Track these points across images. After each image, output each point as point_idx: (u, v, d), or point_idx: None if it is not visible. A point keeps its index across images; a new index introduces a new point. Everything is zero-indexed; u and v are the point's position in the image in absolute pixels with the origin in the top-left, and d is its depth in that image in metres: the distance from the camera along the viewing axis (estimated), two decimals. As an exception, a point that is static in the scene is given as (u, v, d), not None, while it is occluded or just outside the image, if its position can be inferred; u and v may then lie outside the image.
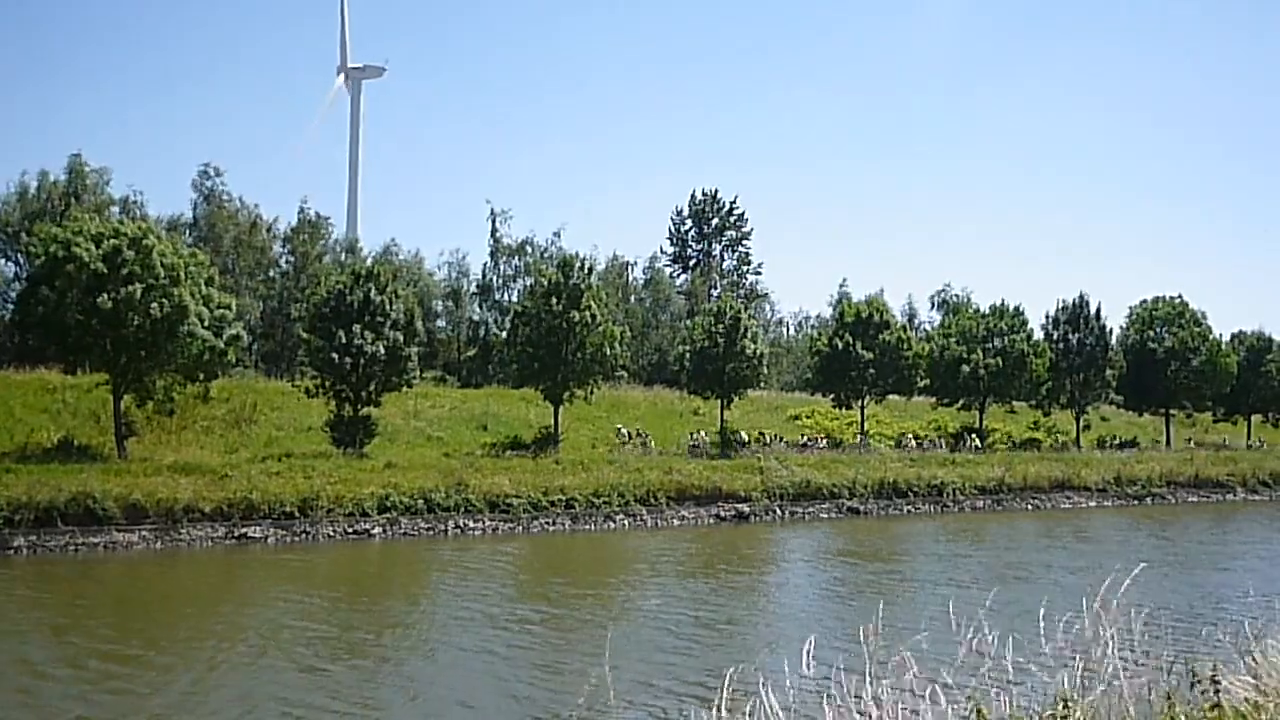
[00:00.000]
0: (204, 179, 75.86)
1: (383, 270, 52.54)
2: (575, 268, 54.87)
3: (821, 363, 64.68)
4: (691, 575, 33.71)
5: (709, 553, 38.91)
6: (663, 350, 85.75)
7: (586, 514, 44.52)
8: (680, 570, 34.97)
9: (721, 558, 37.87)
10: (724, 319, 59.62)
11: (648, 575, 34.15)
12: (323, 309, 49.56)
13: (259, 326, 73.42)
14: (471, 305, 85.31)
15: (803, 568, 37.02)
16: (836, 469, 52.85)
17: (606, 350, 53.83)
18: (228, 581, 33.09)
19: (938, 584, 32.07)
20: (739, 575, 34.45)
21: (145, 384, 44.33)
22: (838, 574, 34.90)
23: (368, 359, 47.82)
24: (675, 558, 37.66)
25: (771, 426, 65.24)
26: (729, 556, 38.39)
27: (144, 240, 43.25)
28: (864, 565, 36.24)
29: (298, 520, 39.47)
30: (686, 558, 37.70)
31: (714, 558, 37.71)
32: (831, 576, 34.52)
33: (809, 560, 38.68)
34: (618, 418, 61.71)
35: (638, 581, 32.94)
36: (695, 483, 48.01)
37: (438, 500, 42.16)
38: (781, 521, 47.99)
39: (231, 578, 33.65)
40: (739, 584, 32.75)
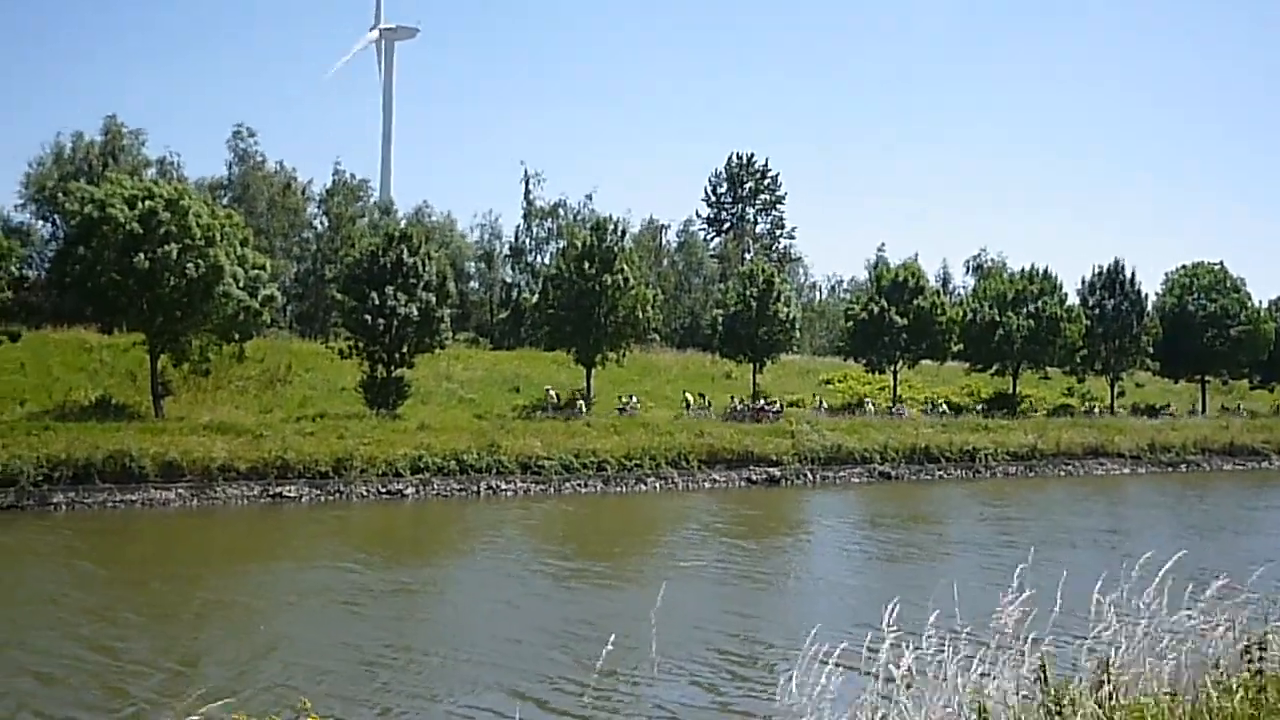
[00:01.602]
0: (238, 140, 76.07)
1: (416, 232, 52.59)
2: (609, 230, 54.74)
3: (855, 327, 64.36)
4: (743, 536, 33.72)
5: (751, 515, 38.93)
6: (695, 313, 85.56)
7: (618, 476, 44.62)
8: (730, 531, 34.98)
9: (765, 519, 37.90)
10: (756, 282, 59.40)
11: (696, 535, 34.22)
12: (356, 270, 49.68)
13: (293, 288, 73.72)
14: (504, 267, 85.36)
15: (846, 530, 36.89)
16: (868, 434, 52.67)
17: (639, 313, 53.75)
18: (277, 539, 33.42)
19: (987, 546, 32.16)
20: (793, 535, 34.45)
21: (181, 344, 44.58)
22: (891, 536, 34.79)
23: (400, 320, 47.93)
24: (719, 519, 37.69)
25: (803, 391, 65.08)
26: (774, 517, 38.42)
27: (180, 201, 43.38)
28: (915, 528, 36.18)
29: (332, 480, 39.77)
30: (734, 520, 37.69)
31: (758, 520, 37.73)
32: (886, 538, 34.42)
33: (852, 523, 38.55)
34: (649, 381, 61.70)
35: (685, 541, 33.01)
36: (726, 446, 47.98)
37: (470, 461, 42.35)
38: (812, 485, 47.95)
39: (278, 535, 33.98)
40: (799, 544, 32.76)
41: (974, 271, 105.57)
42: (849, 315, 66.38)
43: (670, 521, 37.72)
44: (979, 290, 73.35)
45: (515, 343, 74.34)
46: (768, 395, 59.36)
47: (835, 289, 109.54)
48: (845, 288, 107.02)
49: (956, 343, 65.56)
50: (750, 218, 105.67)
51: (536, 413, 51.32)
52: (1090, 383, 72.51)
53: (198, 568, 28.32)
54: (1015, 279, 70.27)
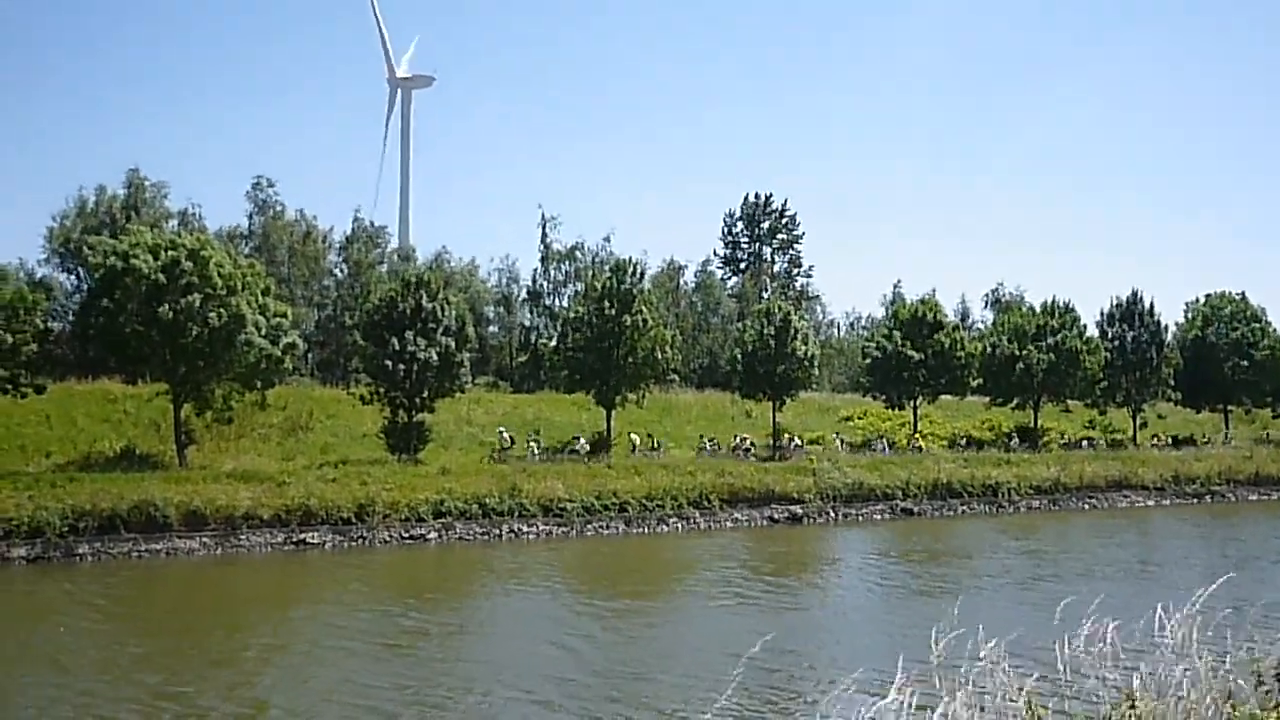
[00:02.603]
0: (258, 190, 76.77)
1: (434, 277, 52.86)
2: (627, 271, 54.92)
3: (874, 364, 64.23)
4: (776, 573, 33.57)
5: (778, 552, 38.82)
6: (714, 353, 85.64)
7: (640, 517, 44.57)
8: (761, 568, 34.82)
9: (793, 556, 37.79)
10: (774, 321, 59.38)
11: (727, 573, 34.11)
12: (376, 316, 49.92)
13: (314, 335, 74.13)
14: (522, 311, 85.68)
15: (876, 565, 36.68)
16: (889, 470, 52.52)
17: (658, 354, 53.78)
18: (310, 584, 33.44)
19: (1021, 580, 32.24)
20: (824, 571, 34.30)
21: (204, 393, 44.80)
22: (924, 571, 34.61)
23: (421, 365, 48.10)
24: (747, 556, 37.57)
25: (823, 428, 64.91)
26: (802, 554, 38.29)
27: (201, 251, 43.73)
28: (945, 563, 35.99)
29: (355, 526, 39.84)
30: (763, 557, 37.55)
31: (786, 556, 37.61)
32: (918, 573, 34.24)
33: (881, 558, 38.35)
34: (669, 421, 61.67)
35: (717, 579, 32.91)
36: (747, 485, 47.92)
37: (492, 505, 42.39)
38: (835, 523, 47.78)
39: (310, 581, 34.01)
40: (831, 580, 32.60)
41: (992, 305, 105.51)
42: (867, 352, 66.32)
43: (698, 560, 37.57)
44: (998, 324, 73.16)
45: (535, 385, 74.50)
46: (788, 433, 59.23)
47: (854, 326, 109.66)
48: (863, 324, 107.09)
49: (976, 377, 65.35)
50: (768, 257, 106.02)
51: (558, 455, 51.30)
52: (1112, 414, 72.11)
53: (239, 614, 28.44)
54: (1035, 312, 70.10)
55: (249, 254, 65.52)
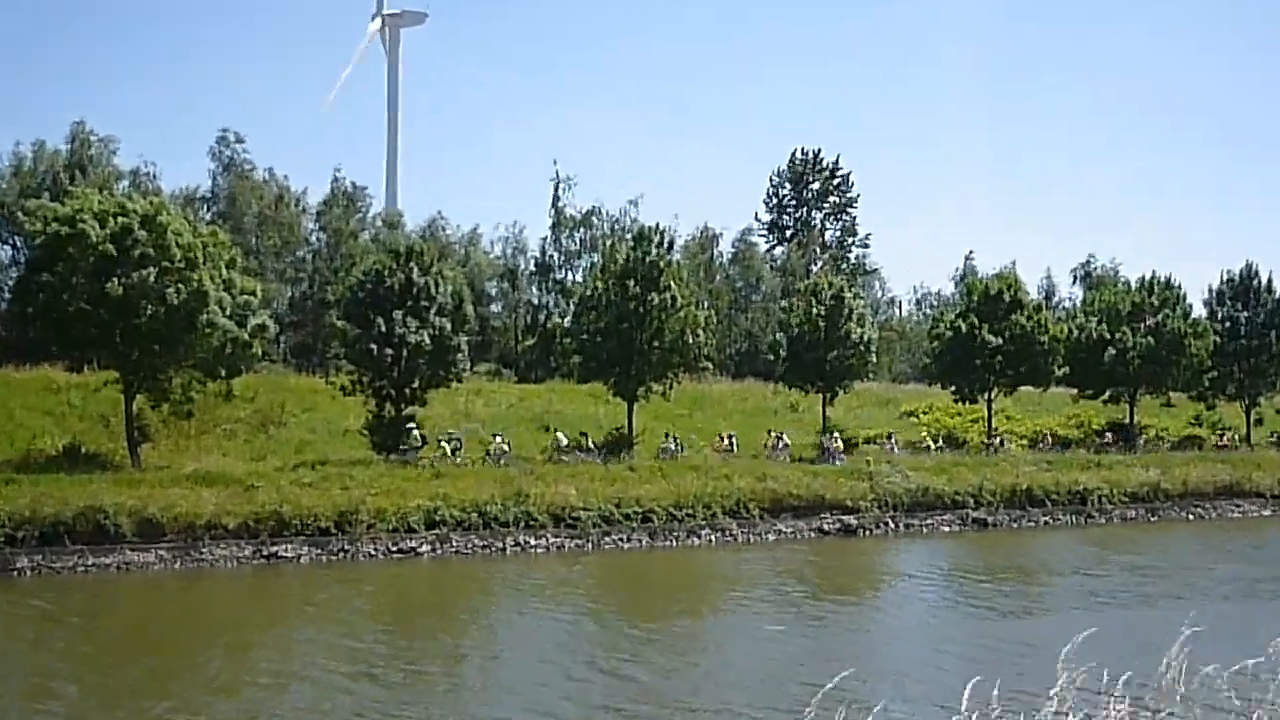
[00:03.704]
0: (222, 146, 77.24)
1: (427, 248, 53.15)
2: (653, 241, 55.02)
3: (942, 350, 64.23)
4: (832, 593, 33.75)
5: (831, 567, 38.96)
6: (754, 336, 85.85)
7: (666, 529, 44.78)
8: (814, 588, 35.02)
9: (851, 574, 37.91)
10: (825, 299, 59.44)
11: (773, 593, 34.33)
12: (359, 293, 50.21)
13: (287, 315, 74.65)
14: (530, 287, 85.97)
15: (952, 583, 36.82)
16: (959, 474, 52.59)
17: (688, 338, 53.93)
18: (290, 604, 33.84)
19: (1126, 603, 32.62)
20: (892, 591, 34.47)
21: (160, 382, 45.14)
22: (1012, 589, 34.71)
23: (411, 350, 48.39)
24: (795, 574, 37.69)
25: (882, 424, 64.99)
26: (860, 571, 38.43)
27: (157, 217, 43.94)
28: (1035, 581, 36.08)
29: (335, 537, 40.14)
30: (814, 575, 37.69)
31: (842, 574, 37.75)
32: (1006, 591, 34.36)
33: (957, 576, 38.45)
34: (700, 416, 61.91)
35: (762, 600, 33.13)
36: (793, 491, 48.02)
37: (494, 514, 42.66)
38: (895, 535, 47.88)
39: (290, 600, 34.40)
40: (902, 601, 32.77)
41: (1082, 282, 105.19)
42: (934, 335, 66.32)
43: (738, 578, 37.71)
44: (1088, 303, 73.04)
45: (544, 374, 74.82)
46: (839, 430, 59.36)
47: (918, 305, 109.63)
48: (930, 303, 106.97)
49: (1062, 365, 65.26)
50: (817, 223, 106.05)
51: (568, 455, 51.53)
52: (1222, 409, 71.85)
53: (195, 640, 28.74)
54: (1131, 290, 69.89)
55: (212, 221, 66.02)
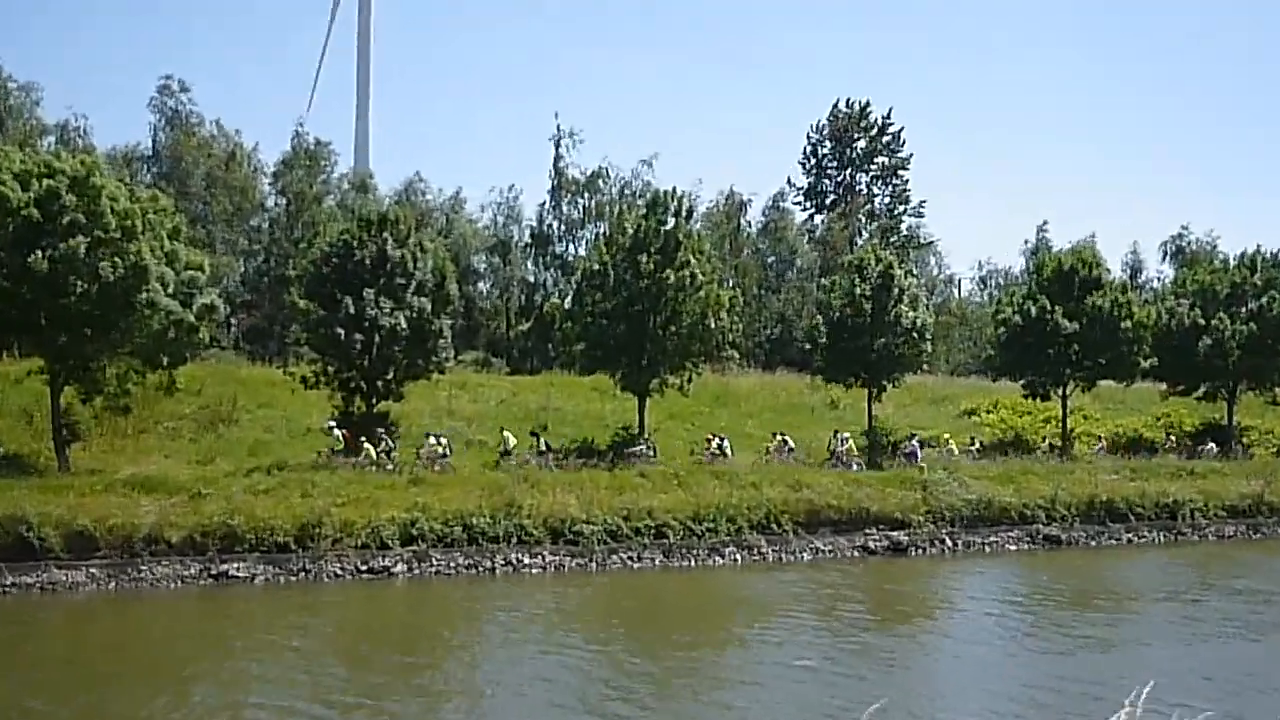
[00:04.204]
0: (164, 97, 77.24)
1: (403, 215, 53.00)
2: (669, 208, 54.81)
3: (1008, 337, 63.98)
4: (883, 624, 33.64)
5: (877, 591, 38.78)
6: (787, 321, 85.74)
7: (683, 546, 44.69)
8: (861, 615, 34.89)
9: (901, 599, 37.75)
10: (871, 276, 59.21)
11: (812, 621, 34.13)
12: (324, 268, 50.14)
13: (240, 293, 74.73)
14: (525, 262, 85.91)
15: (1029, 612, 36.62)
16: (1028, 483, 52.49)
17: (710, 321, 53.81)
18: (215, 634, 33.78)
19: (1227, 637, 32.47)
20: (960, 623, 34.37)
21: (92, 372, 45.06)
22: (1112, 618, 34.61)
23: (384, 335, 48.33)
24: (838, 599, 37.52)
25: (937, 424, 64.81)
26: (915, 599, 38.28)
27: (89, 179, 43.75)
28: (1137, 608, 35.97)
29: (294, 554, 40.09)
30: (861, 599, 37.57)
31: (892, 599, 37.57)
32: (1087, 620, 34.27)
33: (1033, 603, 38.07)
34: (724, 414, 61.78)
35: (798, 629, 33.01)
36: (832, 502, 47.96)
37: (481, 527, 42.60)
38: (952, 554, 47.76)
39: (217, 629, 34.34)
40: (976, 636, 32.69)
41: (1173, 259, 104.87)
42: (999, 320, 66.08)
43: (769, 604, 37.39)
44: (1180, 283, 72.74)
45: (541, 364, 74.79)
46: (887, 431, 59.17)
47: (982, 284, 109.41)
48: (995, 283, 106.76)
49: (1149, 356, 65.02)
50: (863, 188, 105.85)
51: (569, 459, 51.39)
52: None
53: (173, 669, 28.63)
54: (1230, 268, 69.58)
55: (153, 183, 66.12)
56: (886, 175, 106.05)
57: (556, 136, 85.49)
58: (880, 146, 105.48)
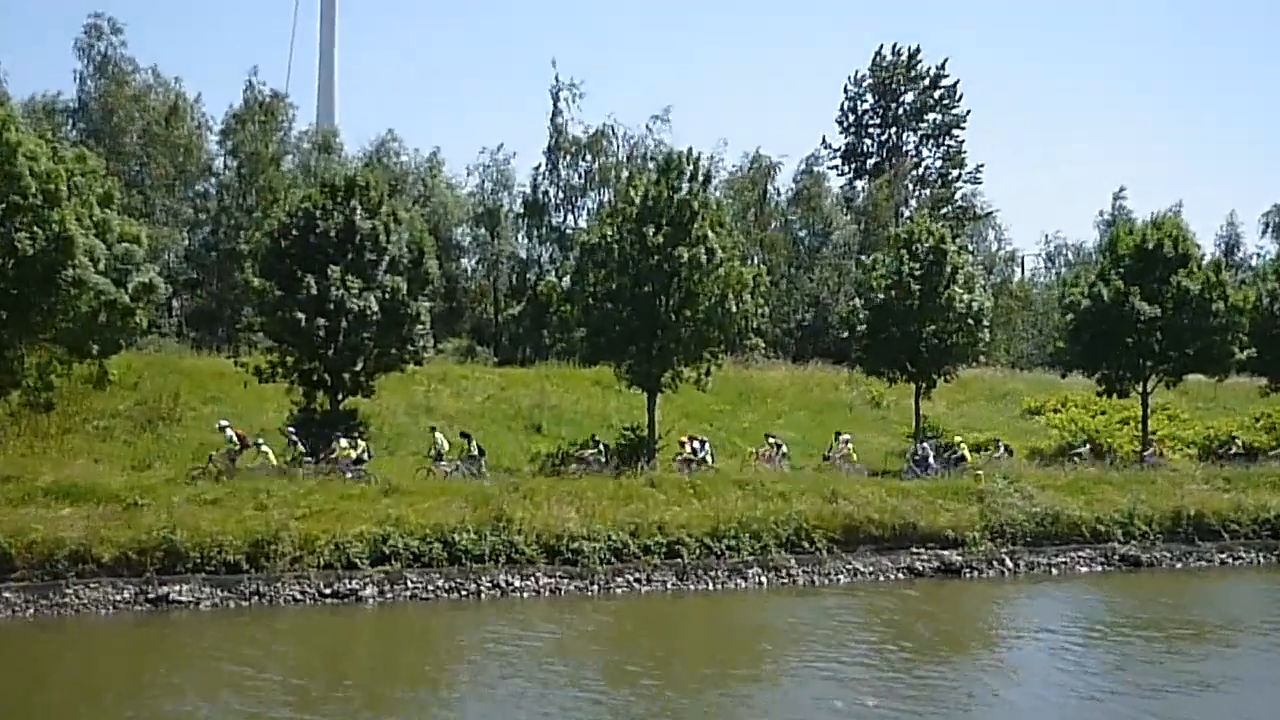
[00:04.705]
0: (93, 39, 77.02)
1: (375, 180, 52.87)
2: (684, 171, 54.61)
3: (1079, 324, 63.79)
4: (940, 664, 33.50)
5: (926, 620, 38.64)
6: (822, 305, 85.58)
7: (700, 566, 44.51)
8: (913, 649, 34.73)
9: (954, 631, 37.60)
10: (920, 252, 59.04)
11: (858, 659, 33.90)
12: (281, 241, 50.05)
13: (183, 270, 74.62)
14: (516, 234, 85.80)
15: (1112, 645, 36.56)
16: (1103, 494, 52.32)
17: (731, 304, 53.62)
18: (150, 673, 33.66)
19: None
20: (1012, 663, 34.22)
21: (8, 362, 45.00)
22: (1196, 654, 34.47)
23: (352, 320, 48.21)
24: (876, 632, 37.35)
25: (996, 425, 64.67)
26: (967, 629, 38.14)
27: (3, 135, 43.78)
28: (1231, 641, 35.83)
29: (247, 575, 39.95)
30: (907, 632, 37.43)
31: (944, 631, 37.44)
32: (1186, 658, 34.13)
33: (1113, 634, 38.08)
34: (748, 412, 61.67)
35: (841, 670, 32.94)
36: (873, 516, 47.76)
37: (464, 544, 42.43)
38: (1014, 576, 47.53)
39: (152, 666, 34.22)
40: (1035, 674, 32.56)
41: (1275, 233, 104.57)
42: (1069, 304, 65.90)
43: (801, 634, 37.03)
44: (1281, 260, 72.61)
45: (535, 354, 74.68)
46: (935, 432, 59.00)
47: (1049, 262, 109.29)
48: (1064, 260, 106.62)
49: (1246, 346, 64.83)
50: (911, 149, 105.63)
51: (572, 466, 51.28)
52: None
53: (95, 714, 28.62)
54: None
55: (79, 140, 65.93)
56: (938, 134, 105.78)
57: (554, 89, 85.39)
58: (931, 101, 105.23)
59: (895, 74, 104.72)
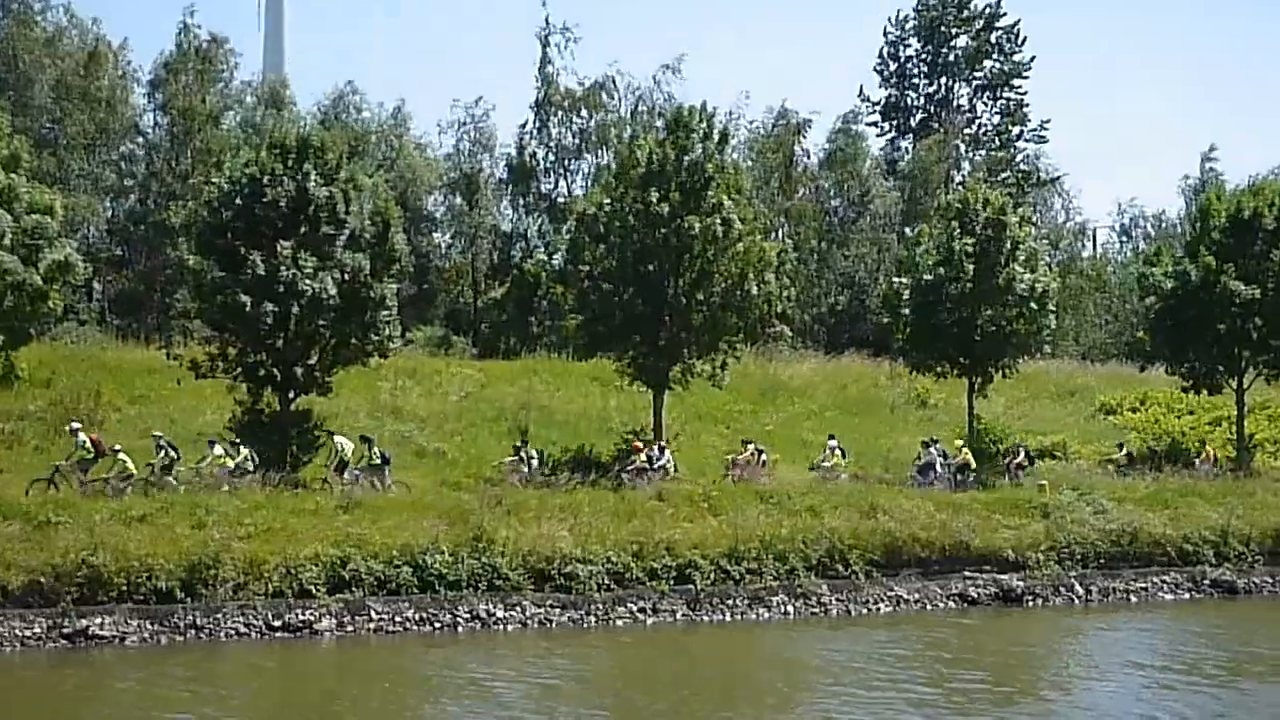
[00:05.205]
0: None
1: (333, 141, 52.77)
2: (696, 129, 54.47)
3: (1161, 310, 63.66)
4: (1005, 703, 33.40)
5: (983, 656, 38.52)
6: (859, 286, 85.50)
7: (716, 594, 44.36)
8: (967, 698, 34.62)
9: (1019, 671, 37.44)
10: (975, 225, 58.93)
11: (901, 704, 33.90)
12: (223, 213, 49.92)
13: (107, 247, 74.53)
14: (499, 204, 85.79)
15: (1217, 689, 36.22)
16: (1190, 508, 52.25)
17: (752, 287, 53.52)
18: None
19: None
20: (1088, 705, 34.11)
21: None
22: None
23: (306, 305, 48.08)
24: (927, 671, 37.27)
25: (1062, 429, 64.57)
26: (1036, 668, 37.99)
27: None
28: None
29: (182, 605, 39.78)
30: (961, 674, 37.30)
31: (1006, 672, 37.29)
32: None
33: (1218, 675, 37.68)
34: (773, 412, 61.58)
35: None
36: (919, 534, 47.70)
37: (438, 569, 42.33)
38: (1086, 604, 47.47)
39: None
40: None
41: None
42: (1149, 285, 65.78)
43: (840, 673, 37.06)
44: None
45: (521, 346, 74.69)
46: (995, 435, 58.87)
47: (1124, 235, 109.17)
48: (1143, 233, 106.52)
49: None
50: (964, 103, 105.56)
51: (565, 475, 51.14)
52: None
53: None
54: None
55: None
56: (996, 86, 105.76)
57: (544, 32, 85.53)
58: (987, 46, 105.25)
59: (945, 14, 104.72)
